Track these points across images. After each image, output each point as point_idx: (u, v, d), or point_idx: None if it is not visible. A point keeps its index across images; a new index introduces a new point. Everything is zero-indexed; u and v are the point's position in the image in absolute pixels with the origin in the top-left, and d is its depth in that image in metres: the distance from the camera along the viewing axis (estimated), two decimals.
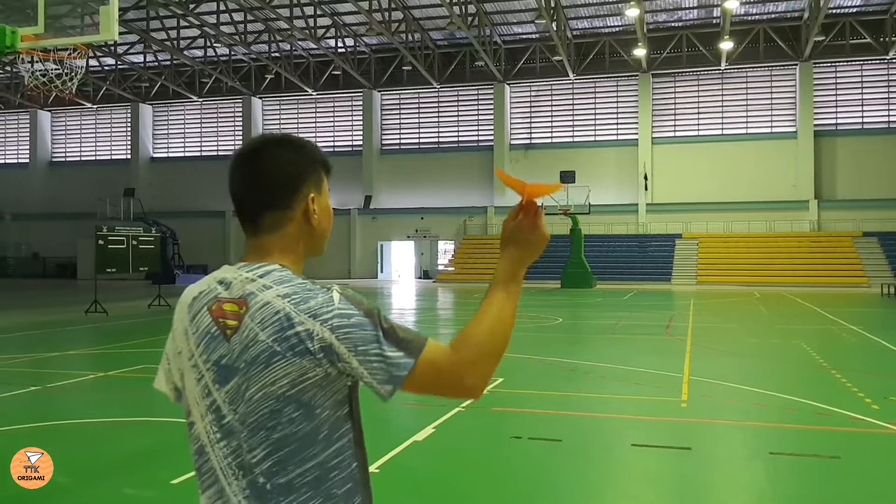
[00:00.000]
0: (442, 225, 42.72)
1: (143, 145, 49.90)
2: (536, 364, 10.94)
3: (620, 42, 39.71)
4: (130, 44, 43.63)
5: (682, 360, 10.84)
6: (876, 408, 7.61)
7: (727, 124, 39.82)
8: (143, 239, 22.70)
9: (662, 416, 7.49)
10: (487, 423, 7.21)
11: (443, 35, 41.51)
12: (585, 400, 8.32)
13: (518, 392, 8.70)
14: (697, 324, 16.55)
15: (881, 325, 17.21)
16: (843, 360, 11.39)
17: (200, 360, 1.52)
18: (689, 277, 35.10)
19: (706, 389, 8.77)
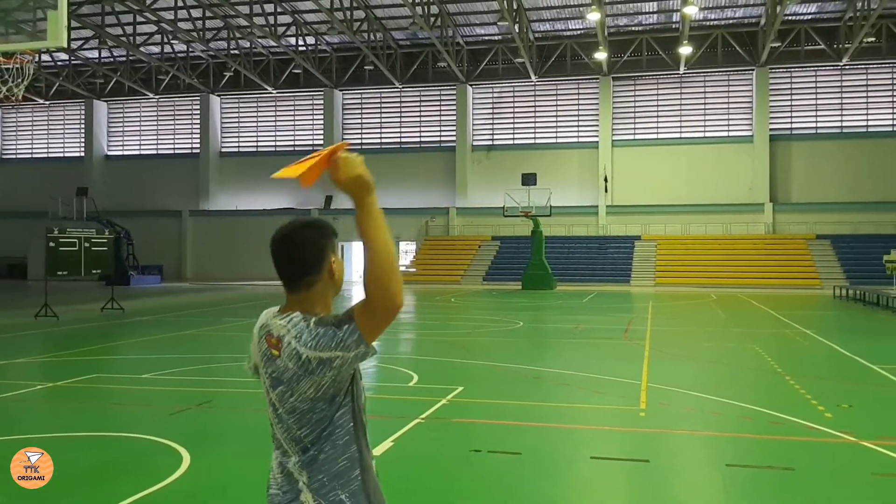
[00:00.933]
0: (403, 226, 42.51)
1: (97, 143, 48.85)
2: (498, 371, 10.92)
3: (582, 45, 40.00)
4: (85, 39, 42.63)
5: (641, 366, 10.91)
6: (829, 416, 7.72)
7: (685, 128, 40.38)
8: (95, 241, 22.18)
9: (621, 426, 7.50)
10: (447, 436, 7.15)
11: (405, 35, 41.35)
12: (546, 409, 8.30)
13: (479, 402, 8.66)
14: (655, 327, 16.71)
15: (833, 328, 17.57)
16: (797, 365, 11.58)
17: (262, 370, 2.29)
18: (648, 279, 35.52)
19: (664, 397, 8.82)
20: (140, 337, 15.77)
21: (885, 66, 38.45)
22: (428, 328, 17.94)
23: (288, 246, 2.30)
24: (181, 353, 13.14)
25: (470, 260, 39.07)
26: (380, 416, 7.83)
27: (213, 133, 46.95)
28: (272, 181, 45.59)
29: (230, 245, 45.03)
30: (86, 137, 48.88)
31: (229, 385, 9.80)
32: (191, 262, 45.97)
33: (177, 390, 9.57)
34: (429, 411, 8.01)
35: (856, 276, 32.95)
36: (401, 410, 8.14)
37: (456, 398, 8.77)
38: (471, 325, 17.99)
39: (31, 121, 51.11)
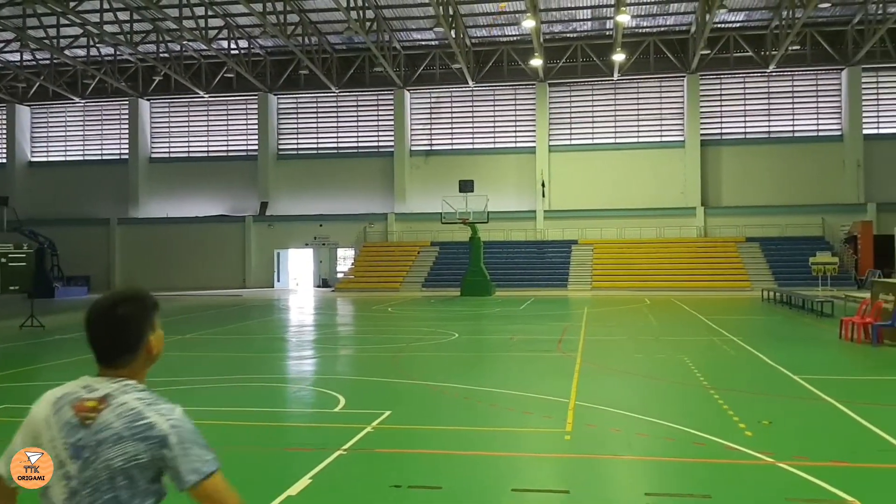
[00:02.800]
0: (341, 232, 42.17)
1: (19, 149, 47.13)
2: (427, 391, 10.76)
3: (518, 51, 40.27)
4: (5, 42, 41.01)
5: (571, 382, 10.90)
6: (749, 434, 7.79)
7: (620, 133, 41.03)
8: (13, 256, 21.28)
9: (546, 451, 7.42)
10: (369, 470, 6.94)
11: (341, 39, 40.98)
12: (472, 435, 8.17)
13: (404, 428, 8.48)
14: (589, 336, 16.81)
15: (759, 335, 17.98)
16: (722, 377, 11.74)
17: (59, 442, 2.11)
18: (585, 283, 35.92)
19: (592, 417, 8.79)
20: (60, 358, 15.08)
21: (809, 73, 39.76)
22: (362, 342, 17.69)
23: (105, 325, 2.21)
24: None
25: (409, 266, 38.90)
26: (300, 448, 7.60)
27: (143, 138, 45.73)
28: (205, 187, 44.67)
29: (161, 254, 43.93)
30: (8, 144, 47.06)
31: None
32: (120, 271, 44.64)
33: None
34: (352, 441, 7.78)
35: (783, 278, 33.96)
36: (323, 440, 7.90)
37: (382, 424, 8.57)
38: (406, 337, 17.79)
39: None
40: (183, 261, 43.70)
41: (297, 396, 10.67)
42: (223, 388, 11.54)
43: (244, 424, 8.82)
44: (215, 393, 11.10)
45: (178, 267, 43.62)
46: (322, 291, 38.58)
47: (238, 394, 11.05)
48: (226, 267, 43.29)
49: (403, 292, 35.74)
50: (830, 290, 28.64)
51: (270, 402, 10.23)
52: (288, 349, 15.88)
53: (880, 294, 15.34)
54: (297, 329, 20.31)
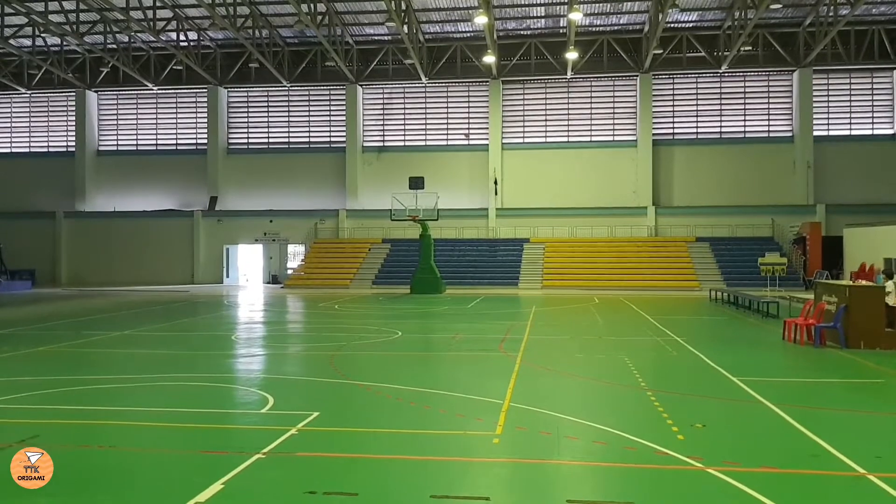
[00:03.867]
0: (292, 228, 41.58)
1: None
2: (360, 392, 10.47)
3: (472, 48, 40.11)
4: None
5: (508, 383, 10.71)
6: (681, 438, 7.68)
7: (573, 132, 41.16)
8: None
9: (473, 455, 7.20)
10: (285, 475, 6.64)
11: (293, 33, 40.35)
12: (399, 438, 7.92)
13: (330, 430, 8.19)
14: (533, 336, 16.69)
15: (702, 336, 18.05)
16: (661, 378, 11.69)
17: None
18: (535, 282, 35.93)
19: (523, 419, 8.61)
20: None
21: (761, 74, 40.36)
22: (303, 340, 17.31)
23: None
24: (25, 374, 12.04)
25: (360, 263, 38.51)
26: (217, 451, 7.26)
27: (90, 131, 44.57)
28: (153, 181, 43.69)
29: (108, 248, 42.94)
30: None
31: (66, 415, 8.96)
32: (66, 266, 43.47)
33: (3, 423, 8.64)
34: (273, 444, 7.47)
35: (732, 278, 34.40)
36: (243, 443, 7.57)
37: (308, 426, 8.28)
38: (348, 335, 17.47)
39: None
40: (130, 255, 42.70)
41: (226, 396, 10.29)
42: (152, 386, 11.10)
43: (164, 426, 8.45)
44: (143, 392, 10.66)
45: (126, 262, 42.64)
46: (271, 288, 37.95)
47: (166, 393, 10.63)
48: (174, 262, 42.40)
49: (353, 289, 35.33)
50: (778, 291, 29.07)
51: (196, 402, 9.84)
52: (225, 347, 15.43)
53: (823, 295, 15.46)
54: (238, 326, 19.82)
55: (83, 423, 8.61)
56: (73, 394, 10.42)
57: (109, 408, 9.41)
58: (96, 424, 8.55)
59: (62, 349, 15.16)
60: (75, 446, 7.53)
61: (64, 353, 14.63)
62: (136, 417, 8.83)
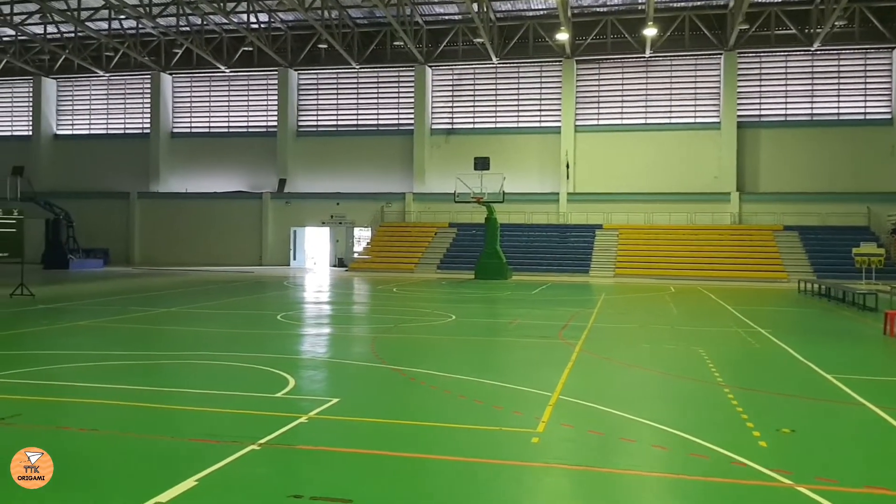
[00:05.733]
0: (358, 211, 40.96)
1: (45, 122, 46.82)
2: (395, 378, 9.34)
3: (545, 26, 38.48)
4: (29, 13, 40.41)
5: (561, 373, 9.40)
6: (764, 445, 6.25)
7: (651, 113, 39.03)
8: (3, 222, 20.29)
9: (503, 456, 5.95)
10: (274, 472, 5.55)
11: (362, 13, 39.61)
12: (422, 433, 6.73)
13: (345, 420, 7.07)
14: (598, 323, 15.24)
15: (791, 328, 16.23)
16: (742, 373, 10.14)
17: None
18: (608, 270, 34.17)
19: (572, 415, 7.31)
20: (21, 328, 14.01)
21: (857, 52, 37.33)
22: (348, 321, 16.33)
23: None
24: (48, 348, 11.44)
25: (425, 247, 37.53)
26: (207, 440, 6.24)
27: (164, 113, 45.03)
28: (224, 163, 43.81)
29: (179, 229, 43.37)
30: (34, 116, 46.84)
31: (57, 392, 8.16)
32: (138, 245, 44.15)
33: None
34: (275, 433, 6.41)
35: (823, 270, 31.89)
36: (240, 431, 6.54)
37: (321, 414, 7.20)
38: (398, 318, 16.41)
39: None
40: (201, 236, 42.98)
41: (244, 377, 9.33)
42: (172, 364, 10.29)
43: (165, 408, 7.53)
44: (158, 370, 9.84)
45: (196, 242, 42.95)
46: (336, 271, 37.39)
47: (183, 372, 9.78)
48: (243, 244, 42.44)
49: (418, 273, 34.36)
50: (875, 284, 26.54)
51: (210, 383, 8.89)
52: (267, 326, 14.57)
53: None
54: (288, 307, 19.02)
55: (73, 403, 7.76)
56: (81, 370, 9.66)
57: (113, 386, 8.55)
58: (88, 404, 7.68)
59: (100, 324, 14.62)
60: (54, 427, 6.67)
61: (99, 328, 14.05)
62: (136, 397, 7.94)
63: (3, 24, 40.99)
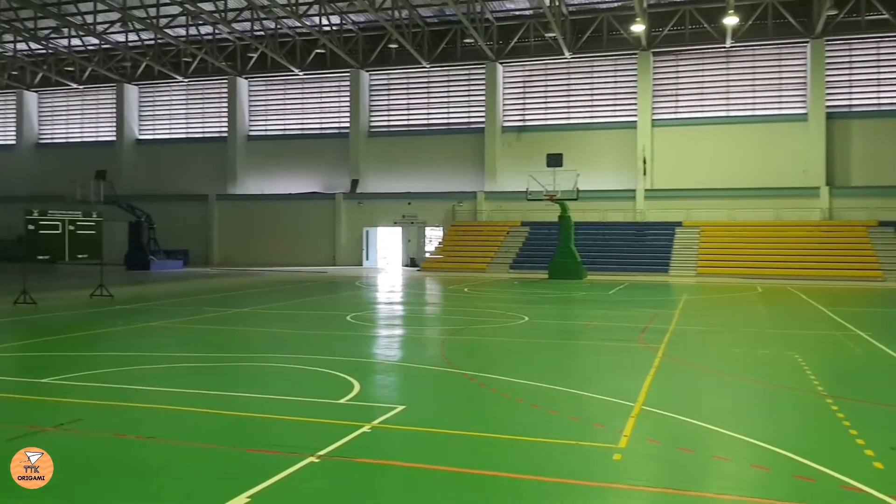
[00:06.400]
0: (430, 210, 40.67)
1: (128, 127, 48.29)
2: (464, 384, 8.86)
3: (619, 18, 37.35)
4: (111, 22, 41.78)
5: (643, 381, 8.74)
6: (879, 466, 5.51)
7: (733, 105, 37.39)
8: (81, 223, 20.78)
9: (581, 475, 5.40)
10: (332, 487, 5.16)
11: (432, 12, 39.32)
12: (492, 446, 6.23)
13: (411, 430, 6.64)
14: (681, 326, 14.40)
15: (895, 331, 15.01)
16: (845, 381, 9.26)
17: None
18: (689, 269, 32.85)
19: (657, 428, 6.69)
20: (96, 329, 14.16)
21: None
22: (417, 322, 15.92)
23: None
24: (119, 350, 11.44)
25: (497, 247, 36.94)
26: (266, 450, 5.90)
27: (241, 116, 45.83)
28: (298, 164, 44.30)
29: (255, 230, 44.04)
30: (118, 121, 48.40)
31: (121, 395, 7.98)
32: (217, 246, 45.04)
33: (54, 401, 7.79)
34: (336, 444, 6.03)
35: None
36: (300, 441, 6.18)
37: (385, 423, 6.78)
38: (468, 319, 15.93)
39: (66, 105, 50.93)
40: (276, 237, 43.54)
41: (309, 380, 9.02)
42: (238, 367, 10.09)
43: (225, 414, 7.25)
44: (223, 373, 9.63)
45: (272, 243, 43.53)
46: (408, 271, 37.21)
47: (247, 375, 9.54)
48: (316, 244, 42.78)
49: (490, 273, 33.82)
50: None
51: (274, 387, 8.61)
52: (336, 327, 14.31)
53: None
54: (359, 306, 18.79)
55: (135, 408, 7.57)
56: (147, 373, 9.54)
57: (177, 390, 8.33)
58: (149, 409, 7.48)
59: (173, 325, 14.66)
60: (111, 434, 6.44)
61: (172, 329, 14.07)
62: (197, 402, 7.70)
63: (88, 34, 42.45)
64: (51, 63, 47.84)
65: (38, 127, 51.33)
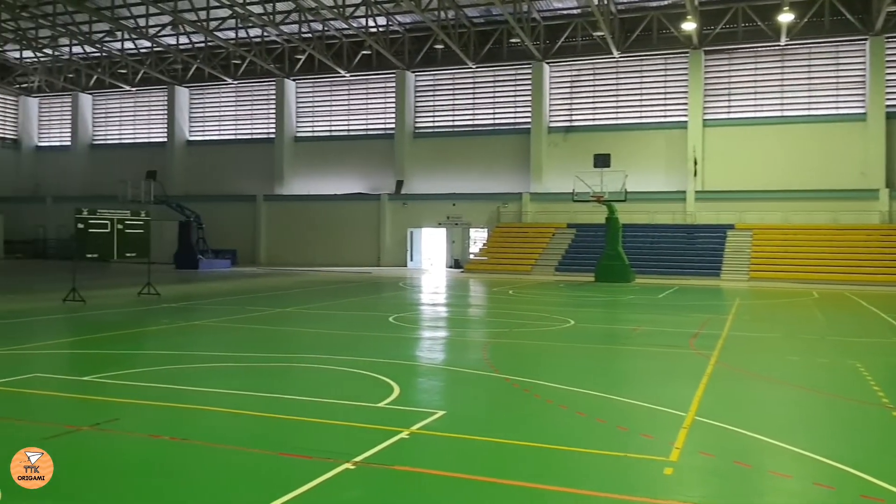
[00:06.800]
0: (474, 211, 40.38)
1: (178, 128, 49.07)
2: (507, 389, 8.58)
3: (669, 16, 36.58)
4: (162, 25, 42.57)
5: (695, 389, 8.35)
6: None
7: (787, 105, 36.30)
8: (130, 223, 21.02)
9: (632, 491, 5.08)
10: (366, 496, 4.94)
11: (478, 12, 39.08)
12: (534, 456, 5.94)
13: (451, 437, 6.38)
14: (734, 332, 13.87)
15: None
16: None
17: None
18: (741, 273, 31.95)
19: (711, 441, 6.32)
20: (140, 327, 14.26)
21: None
22: (460, 325, 15.67)
23: None
24: (161, 348, 11.44)
25: (542, 248, 36.47)
26: (301, 455, 5.71)
27: (288, 117, 46.19)
28: (344, 165, 44.48)
29: (302, 230, 44.31)
30: (168, 123, 49.22)
31: (160, 395, 7.88)
32: (264, 246, 45.45)
33: (93, 400, 7.75)
34: (373, 450, 5.81)
35: None
36: (336, 446, 5.99)
37: (425, 428, 6.55)
38: (513, 322, 15.62)
39: (120, 107, 51.99)
40: (322, 237, 43.75)
41: (348, 382, 8.84)
42: (276, 367, 9.98)
43: (260, 416, 7.10)
44: (262, 373, 9.52)
45: (317, 243, 43.74)
46: (452, 272, 37.00)
47: (286, 376, 9.41)
48: (362, 244, 42.85)
49: (535, 275, 33.39)
50: None
51: (313, 389, 8.46)
52: (377, 328, 14.15)
53: None
54: (402, 307, 18.62)
55: (172, 408, 7.45)
56: (186, 372, 9.47)
57: (214, 390, 8.22)
58: (185, 409, 7.36)
59: (216, 324, 14.67)
60: (146, 435, 6.33)
61: (214, 328, 14.08)
62: (235, 403, 7.56)
63: (140, 37, 43.28)
64: (105, 66, 48.89)
65: (93, 128, 52.49)
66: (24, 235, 50.29)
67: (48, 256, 48.60)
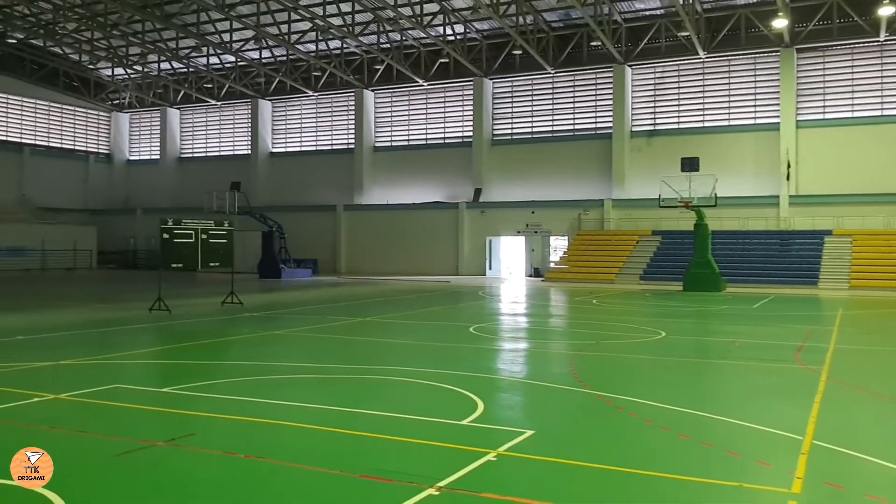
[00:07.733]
0: (554, 219, 39.59)
1: (262, 140, 50.14)
2: (600, 406, 8.00)
3: (758, 14, 35.05)
4: (245, 40, 43.65)
5: (809, 409, 7.57)
6: None
7: (888, 104, 34.20)
8: (214, 233, 21.30)
9: None
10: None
11: (557, 16, 38.45)
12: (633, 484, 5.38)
13: (541, 460, 5.86)
14: (842, 345, 12.84)
15: None
16: None
17: None
18: (841, 281, 30.16)
19: (836, 469, 5.61)
20: (223, 336, 14.26)
21: None
22: (544, 336, 15.09)
23: None
24: (242, 358, 11.32)
25: (626, 256, 35.38)
26: (382, 478, 5.31)
27: (367, 128, 46.54)
28: (422, 174, 44.46)
29: (381, 239, 44.47)
30: (252, 135, 50.35)
31: (237, 409, 7.65)
32: (344, 255, 45.82)
33: (169, 413, 7.57)
34: (457, 474, 5.37)
35: None
36: (418, 468, 5.57)
37: (512, 450, 6.06)
38: (600, 333, 14.93)
39: (206, 121, 53.54)
40: (401, 246, 43.79)
41: (430, 397, 8.43)
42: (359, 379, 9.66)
43: (339, 432, 6.75)
44: (342, 385, 9.22)
45: (396, 252, 43.79)
46: (532, 281, 36.33)
47: (368, 389, 9.08)
48: (440, 253, 42.66)
49: (618, 284, 32.38)
50: None
51: (394, 404, 8.08)
52: (458, 339, 13.74)
53: None
54: (483, 317, 18.16)
55: (248, 422, 7.18)
56: (265, 384, 9.23)
57: (292, 403, 7.93)
58: (262, 424, 7.06)
59: (297, 333, 14.55)
60: (220, 451, 6.06)
61: (295, 338, 13.95)
62: (313, 418, 7.25)
63: (225, 52, 44.43)
64: (191, 81, 50.40)
65: (180, 142, 54.19)
66: (116, 246, 52.22)
67: (138, 267, 50.34)
